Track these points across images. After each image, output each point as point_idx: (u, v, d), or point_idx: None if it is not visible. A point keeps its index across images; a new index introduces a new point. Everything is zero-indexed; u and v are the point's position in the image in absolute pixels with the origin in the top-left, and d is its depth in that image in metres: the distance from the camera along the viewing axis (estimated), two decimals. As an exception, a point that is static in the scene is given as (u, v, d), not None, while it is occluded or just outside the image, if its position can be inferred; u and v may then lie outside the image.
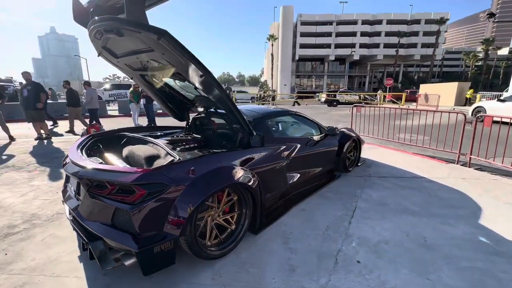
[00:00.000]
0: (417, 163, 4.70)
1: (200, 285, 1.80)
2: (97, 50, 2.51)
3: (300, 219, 2.70)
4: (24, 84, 6.42)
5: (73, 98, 7.89)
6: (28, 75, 6.35)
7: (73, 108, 7.93)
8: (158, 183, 1.70)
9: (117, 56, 2.50)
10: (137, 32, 1.72)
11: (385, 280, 1.85)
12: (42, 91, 6.36)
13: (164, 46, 1.78)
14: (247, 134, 2.53)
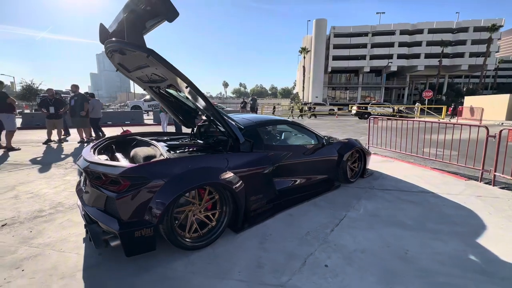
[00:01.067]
0: (432, 178, 4.43)
1: (173, 270, 2.03)
2: (115, 66, 2.99)
3: (285, 223, 2.80)
4: (72, 95, 7.52)
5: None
6: (75, 87, 7.44)
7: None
8: (141, 176, 2.00)
9: (129, 71, 2.95)
10: (133, 51, 2.10)
11: (347, 285, 1.88)
12: (85, 101, 7.38)
13: (153, 62, 2.12)
14: (234, 139, 2.75)
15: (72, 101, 7.37)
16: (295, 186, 3.28)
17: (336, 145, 3.87)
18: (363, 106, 23.25)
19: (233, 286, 1.87)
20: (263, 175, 2.82)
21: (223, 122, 2.61)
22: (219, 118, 2.57)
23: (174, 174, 2.13)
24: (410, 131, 5.96)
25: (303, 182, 3.38)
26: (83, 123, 7.49)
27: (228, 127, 2.66)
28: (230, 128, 2.67)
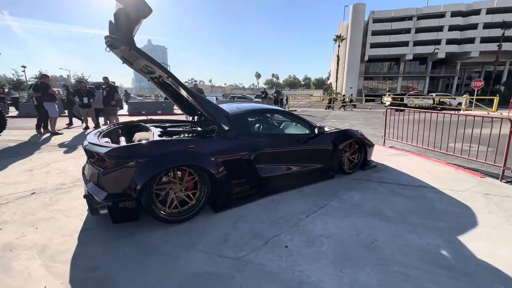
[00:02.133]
0: (443, 174, 4.15)
1: (149, 238, 2.33)
2: (120, 59, 3.34)
3: (264, 207, 2.94)
4: (104, 87, 8.37)
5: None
6: (107, 79, 8.26)
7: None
8: (122, 156, 2.31)
9: (131, 63, 3.27)
10: (120, 45, 2.38)
11: (297, 264, 1.99)
12: (115, 92, 8.17)
13: (137, 55, 2.38)
14: (219, 126, 2.95)
15: (104, 92, 8.21)
16: (282, 173, 3.37)
17: (331, 135, 3.84)
18: (398, 97, 21.66)
19: (194, 255, 2.10)
20: (244, 161, 2.97)
21: (205, 111, 2.81)
22: (201, 107, 2.78)
23: (153, 155, 2.40)
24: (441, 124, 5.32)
25: (291, 170, 3.45)
26: (113, 111, 8.31)
27: (210, 115, 2.85)
28: (212, 117, 2.86)
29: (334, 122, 12.13)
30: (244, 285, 1.78)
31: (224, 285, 1.78)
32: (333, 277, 1.85)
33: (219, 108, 3.12)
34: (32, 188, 3.47)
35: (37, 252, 2.12)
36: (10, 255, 2.08)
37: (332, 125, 10.45)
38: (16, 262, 2.00)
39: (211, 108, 2.93)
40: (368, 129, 9.57)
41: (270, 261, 2.03)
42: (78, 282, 1.81)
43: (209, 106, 2.93)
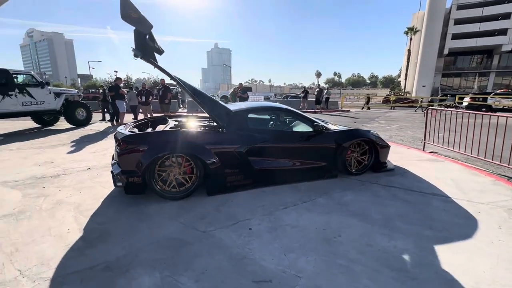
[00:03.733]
0: (471, 183, 3.64)
1: (147, 208, 2.89)
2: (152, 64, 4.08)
3: (251, 196, 3.22)
4: (159, 87, 9.79)
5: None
6: (163, 81, 9.65)
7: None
8: (131, 141, 2.94)
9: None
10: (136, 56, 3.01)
11: (250, 243, 2.24)
12: (169, 91, 9.48)
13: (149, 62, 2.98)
14: (215, 121, 3.36)
15: (160, 92, 9.62)
16: (276, 168, 3.55)
17: (335, 134, 3.80)
18: (479, 97, 18.21)
19: (174, 225, 2.56)
20: (237, 153, 3.30)
21: (204, 107, 3.26)
22: (200, 104, 3.24)
23: (154, 142, 2.97)
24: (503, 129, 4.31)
25: (286, 165, 3.60)
26: (167, 108, 9.66)
27: (208, 112, 3.29)
28: (210, 113, 3.30)
29: (380, 124, 11.17)
30: (198, 251, 2.15)
31: (184, 249, 2.17)
32: (274, 258, 2.05)
33: (220, 106, 3.52)
34: (90, 165, 4.54)
35: (73, 207, 2.92)
36: (57, 207, 2.93)
37: (374, 127, 9.74)
38: (59, 212, 2.81)
39: (210, 105, 3.36)
40: (417, 132, 8.57)
41: (229, 237, 2.33)
42: (89, 230, 2.47)
43: (209, 103, 3.36)
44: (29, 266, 1.95)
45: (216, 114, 3.36)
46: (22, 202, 3.05)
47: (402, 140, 7.17)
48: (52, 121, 9.77)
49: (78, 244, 2.25)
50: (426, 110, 5.75)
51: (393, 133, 8.28)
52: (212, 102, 3.46)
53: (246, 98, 11.48)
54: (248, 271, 1.91)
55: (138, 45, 3.02)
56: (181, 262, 2.00)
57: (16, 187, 3.52)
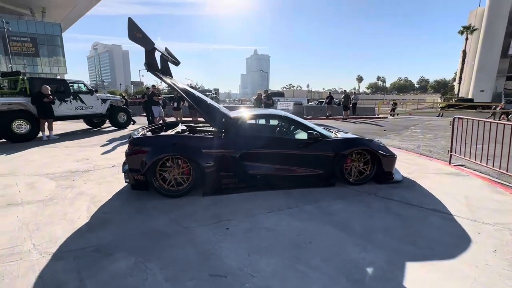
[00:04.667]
0: (487, 202, 3.28)
1: (148, 203, 3.25)
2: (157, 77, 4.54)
3: (243, 199, 3.38)
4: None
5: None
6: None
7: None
8: (137, 144, 3.35)
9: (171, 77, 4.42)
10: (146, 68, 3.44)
11: (222, 241, 2.41)
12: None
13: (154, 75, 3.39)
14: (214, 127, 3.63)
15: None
16: (270, 173, 3.65)
17: (332, 142, 3.76)
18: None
19: (163, 219, 2.85)
20: (232, 157, 3.50)
21: (202, 113, 3.55)
22: (199, 110, 3.54)
23: (156, 145, 3.34)
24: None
25: (280, 171, 3.67)
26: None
27: (205, 117, 3.57)
28: (207, 118, 3.58)
29: (413, 133, 10.32)
30: (174, 243, 2.39)
31: (163, 241, 2.44)
32: (238, 257, 2.18)
33: (218, 112, 3.78)
34: (116, 163, 5.18)
35: (90, 198, 3.43)
36: (78, 197, 3.47)
37: (404, 135, 9.09)
38: (78, 202, 3.33)
39: (209, 111, 3.63)
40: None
41: (206, 234, 2.54)
42: (94, 217, 2.90)
43: (207, 110, 3.64)
44: (41, 242, 2.41)
45: (214, 120, 3.63)
46: (53, 191, 3.67)
47: (430, 151, 6.60)
48: (100, 124, 11.19)
49: (82, 228, 2.67)
50: (453, 118, 5.23)
51: (423, 143, 7.64)
52: (211, 109, 3.74)
53: (272, 104, 11.66)
54: (210, 265, 2.08)
55: (147, 59, 3.46)
56: (156, 251, 2.26)
57: (54, 178, 4.23)
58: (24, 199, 3.39)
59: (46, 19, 44.72)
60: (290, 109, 16.79)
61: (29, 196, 3.50)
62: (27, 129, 7.59)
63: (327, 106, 16.62)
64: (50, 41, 44.05)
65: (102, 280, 1.93)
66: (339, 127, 5.44)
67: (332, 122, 13.98)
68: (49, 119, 7.97)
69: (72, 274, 1.98)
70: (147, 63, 3.37)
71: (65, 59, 47.26)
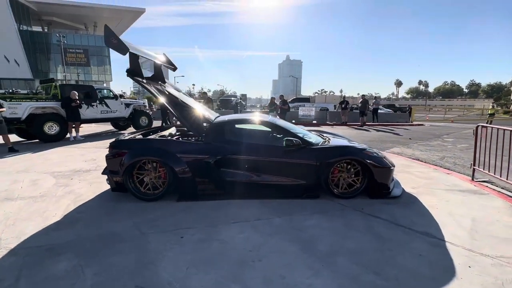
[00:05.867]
0: (498, 227, 2.71)
1: (124, 205, 3.30)
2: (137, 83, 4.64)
3: (215, 206, 3.25)
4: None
5: None
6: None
7: None
8: (117, 147, 3.44)
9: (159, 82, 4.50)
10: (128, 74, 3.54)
11: (168, 250, 2.31)
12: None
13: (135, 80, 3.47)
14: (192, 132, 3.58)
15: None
16: (248, 181, 3.47)
17: (317, 150, 3.45)
18: None
19: (127, 223, 2.84)
20: (206, 162, 3.40)
21: (179, 118, 3.53)
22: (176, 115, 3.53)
23: (133, 148, 3.39)
24: None
25: (260, 179, 3.47)
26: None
27: (182, 122, 3.54)
28: (184, 123, 3.55)
29: (444, 142, 9.20)
30: (122, 248, 2.35)
31: (114, 245, 2.41)
32: (176, 269, 2.06)
33: (199, 117, 3.72)
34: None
35: (75, 197, 3.60)
36: (66, 196, 3.66)
37: (431, 145, 8.16)
38: (63, 200, 3.51)
39: (187, 116, 3.60)
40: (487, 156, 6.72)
41: (157, 242, 2.46)
42: (68, 216, 3.01)
43: (186, 114, 3.61)
44: (7, 237, 2.55)
45: (192, 125, 3.58)
46: (49, 189, 3.94)
47: (455, 163, 5.79)
48: (125, 126, 11.97)
49: (51, 227, 2.78)
50: (476, 127, 4.50)
51: (451, 154, 6.75)
52: (190, 114, 3.70)
53: (287, 109, 11.39)
54: (142, 275, 1.99)
55: (130, 66, 3.56)
56: (100, 256, 2.24)
57: (57, 176, 4.55)
58: (20, 195, 3.68)
59: (97, 32, 49.96)
60: (312, 115, 16.28)
61: (27, 192, 3.79)
62: (56, 130, 8.40)
63: (341, 112, 15.31)
64: (99, 52, 48.93)
65: (36, 280, 1.95)
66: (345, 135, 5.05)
67: (341, 129, 13.21)
68: (76, 121, 8.74)
69: (14, 272, 2.04)
70: (129, 69, 3.47)
71: (111, 67, 52.13)
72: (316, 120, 16.53)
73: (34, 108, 8.06)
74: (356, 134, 10.86)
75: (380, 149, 7.24)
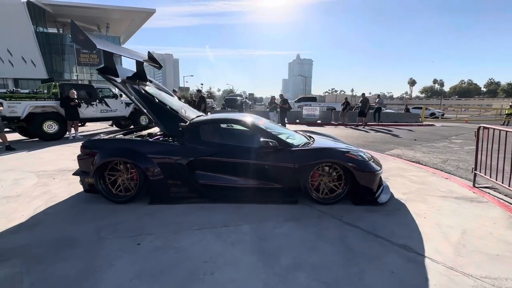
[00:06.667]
0: (490, 242, 2.41)
1: (94, 207, 3.20)
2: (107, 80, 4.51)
3: (184, 211, 3.08)
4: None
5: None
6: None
7: None
8: (88, 147, 3.34)
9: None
10: None
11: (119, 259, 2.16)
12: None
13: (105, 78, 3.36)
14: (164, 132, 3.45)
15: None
16: (223, 184, 3.29)
17: (295, 152, 3.22)
18: None
19: (89, 226, 2.73)
20: (179, 165, 3.24)
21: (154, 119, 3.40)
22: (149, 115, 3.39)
23: (104, 149, 3.28)
24: None
25: (235, 183, 3.29)
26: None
27: (155, 122, 3.41)
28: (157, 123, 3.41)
29: (451, 143, 8.69)
30: (73, 254, 2.23)
31: (67, 250, 2.30)
32: (119, 279, 1.91)
33: (172, 116, 3.58)
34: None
35: (49, 197, 3.53)
36: (41, 196, 3.59)
37: (436, 146, 7.72)
38: (35, 200, 3.44)
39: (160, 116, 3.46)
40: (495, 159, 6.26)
41: (111, 249, 2.32)
42: (33, 218, 2.93)
43: (159, 113, 3.48)
44: (-37, 238, 2.48)
45: (165, 125, 3.44)
46: (27, 188, 3.90)
47: (458, 167, 5.39)
48: (127, 125, 12.04)
49: (12, 229, 2.70)
50: (478, 128, 4.13)
51: (455, 157, 6.32)
52: (166, 114, 3.56)
53: (288, 108, 11.13)
54: (81, 286, 1.86)
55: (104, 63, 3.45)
56: (46, 263, 2.13)
57: (40, 175, 4.53)
58: (-4, 194, 3.65)
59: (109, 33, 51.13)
60: (316, 114, 15.91)
61: (5, 191, 3.77)
62: (56, 129, 8.51)
63: (341, 113, 14.71)
64: (110, 52, 49.99)
65: (-31, 288, 1.85)
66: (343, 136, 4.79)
67: (343, 130, 12.79)
68: (75, 120, 8.83)
69: (-49, 278, 1.95)
70: (101, 68, 3.37)
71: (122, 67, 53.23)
72: (320, 119, 16.15)
73: (34, 107, 8.17)
74: (359, 135, 10.47)
75: (380, 151, 6.91)
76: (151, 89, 4.14)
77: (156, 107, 3.62)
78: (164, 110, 3.67)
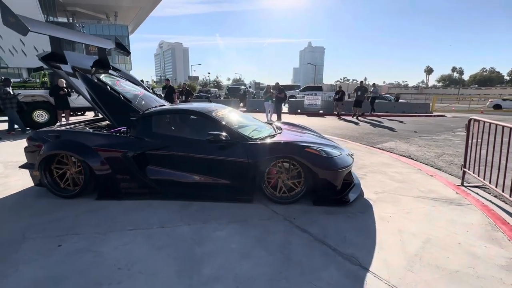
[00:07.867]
0: (456, 254, 2.07)
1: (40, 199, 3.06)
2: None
3: (128, 208, 2.87)
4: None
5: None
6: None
7: None
8: (34, 139, 3.17)
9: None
10: None
11: (31, 262, 1.99)
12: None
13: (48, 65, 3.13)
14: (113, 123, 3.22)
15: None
16: (174, 180, 3.05)
17: (249, 146, 2.92)
18: None
19: (21, 223, 2.58)
20: (127, 158, 3.02)
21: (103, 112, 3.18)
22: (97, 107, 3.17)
23: (49, 141, 3.10)
24: None
25: (185, 178, 3.04)
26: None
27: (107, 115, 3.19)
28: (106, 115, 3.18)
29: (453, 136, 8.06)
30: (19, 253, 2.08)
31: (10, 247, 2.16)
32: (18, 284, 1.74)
33: (123, 107, 3.34)
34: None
35: (2, 189, 3.42)
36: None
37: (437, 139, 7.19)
38: None
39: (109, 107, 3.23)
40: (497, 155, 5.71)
41: (27, 250, 2.15)
42: (-28, 213, 2.83)
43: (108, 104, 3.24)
44: None
45: (114, 116, 3.20)
46: (-13, 179, 3.82)
47: (451, 162, 4.93)
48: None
49: None
50: (469, 121, 3.66)
51: (452, 151, 5.81)
52: (114, 103, 3.32)
53: (284, 98, 10.67)
54: (-29, 294, 1.70)
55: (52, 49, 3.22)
56: (-50, 264, 1.98)
57: (8, 167, 4.45)
58: (-47, 186, 3.58)
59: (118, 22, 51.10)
60: (318, 104, 15.34)
61: (-36, 182, 3.70)
62: (46, 118, 8.51)
63: (335, 103, 13.49)
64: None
65: None
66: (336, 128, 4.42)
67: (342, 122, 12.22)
68: (65, 110, 8.78)
69: None
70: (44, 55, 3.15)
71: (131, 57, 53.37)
72: (322, 109, 15.55)
73: (23, 96, 8.16)
74: (357, 128, 9.96)
75: (373, 144, 6.47)
76: (107, 78, 3.90)
77: (106, 98, 3.38)
78: (115, 100, 3.43)
